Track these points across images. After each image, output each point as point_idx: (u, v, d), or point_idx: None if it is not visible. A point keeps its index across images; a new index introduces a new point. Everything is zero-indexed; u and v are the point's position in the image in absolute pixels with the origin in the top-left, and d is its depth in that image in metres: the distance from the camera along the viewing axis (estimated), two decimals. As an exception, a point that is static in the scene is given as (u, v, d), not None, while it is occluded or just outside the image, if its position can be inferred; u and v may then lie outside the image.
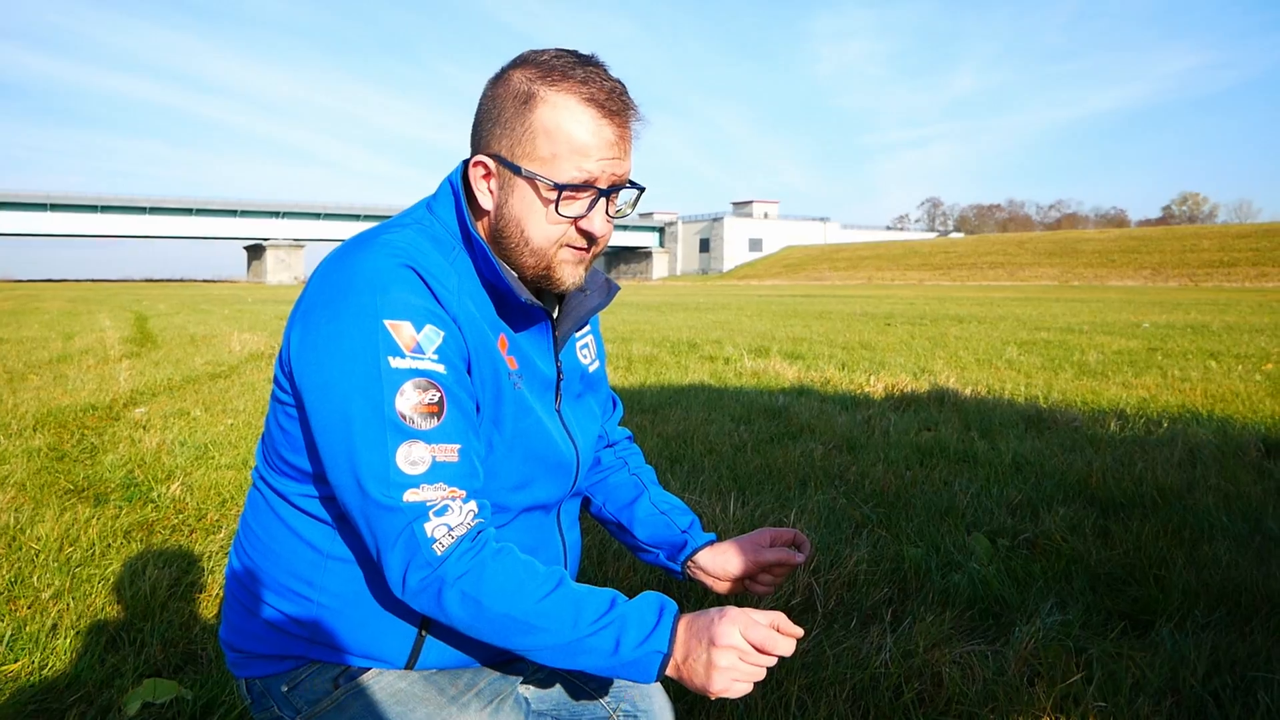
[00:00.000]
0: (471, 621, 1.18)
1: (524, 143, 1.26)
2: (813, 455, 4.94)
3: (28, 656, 2.56)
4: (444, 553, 1.16)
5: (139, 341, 13.94)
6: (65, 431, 5.99)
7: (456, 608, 1.17)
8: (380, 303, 1.17)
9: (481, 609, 1.16)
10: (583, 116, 1.25)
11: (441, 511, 1.16)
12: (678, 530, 1.63)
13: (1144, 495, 4.00)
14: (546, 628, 1.17)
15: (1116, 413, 6.37)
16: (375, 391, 1.15)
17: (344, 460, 1.17)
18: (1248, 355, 10.28)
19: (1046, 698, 2.26)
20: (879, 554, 3.32)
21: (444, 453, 1.17)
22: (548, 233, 1.29)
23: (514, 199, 1.29)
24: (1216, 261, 65.94)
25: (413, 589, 1.17)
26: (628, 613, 1.19)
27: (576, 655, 1.17)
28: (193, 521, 3.90)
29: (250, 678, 1.36)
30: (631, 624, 1.17)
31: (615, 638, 1.17)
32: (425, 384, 1.17)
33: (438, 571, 1.15)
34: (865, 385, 7.94)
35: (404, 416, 1.15)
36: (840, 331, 15.44)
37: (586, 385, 1.55)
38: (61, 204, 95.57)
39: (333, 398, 1.17)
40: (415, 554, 1.15)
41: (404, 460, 1.15)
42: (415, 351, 1.17)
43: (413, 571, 1.16)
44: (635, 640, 1.16)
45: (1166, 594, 2.89)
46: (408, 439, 1.15)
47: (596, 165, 1.26)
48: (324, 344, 1.18)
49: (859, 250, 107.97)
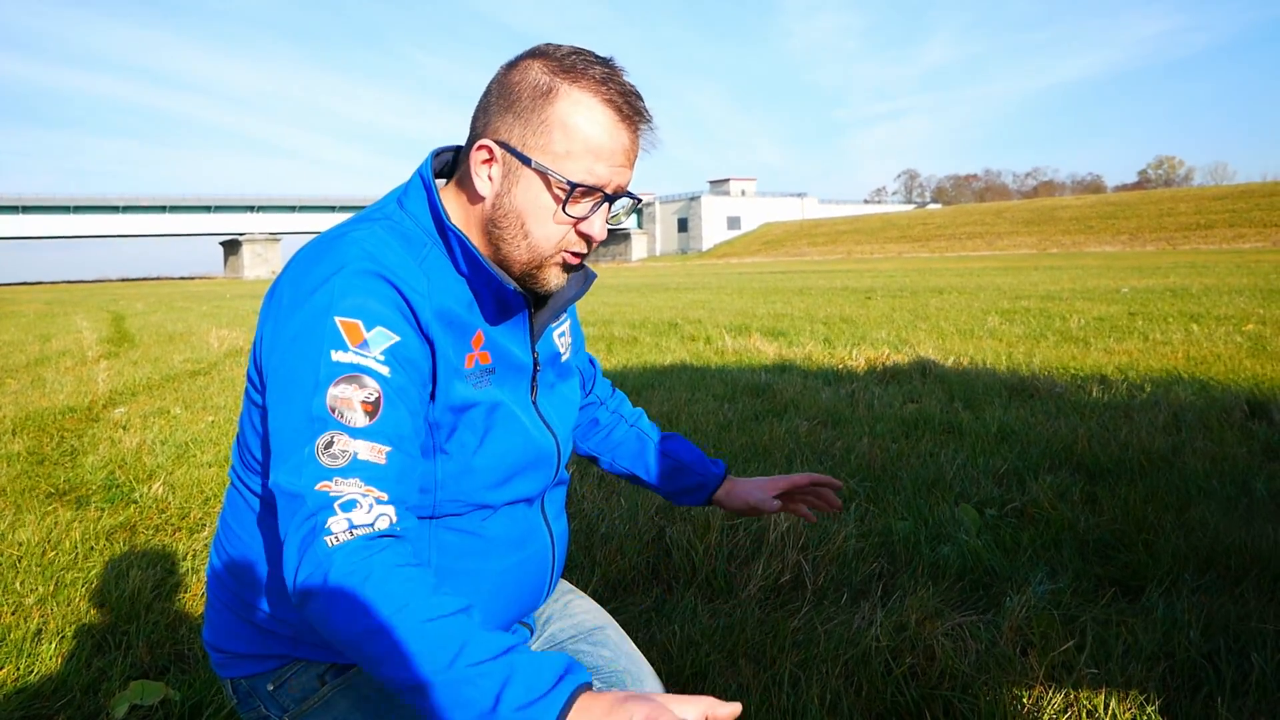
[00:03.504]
0: (341, 628, 1.02)
1: (538, 134, 1.22)
2: (797, 431, 4.94)
3: (12, 663, 2.53)
4: (336, 547, 1.04)
5: (117, 341, 13.81)
6: (44, 434, 5.92)
7: (330, 608, 1.02)
8: (336, 300, 1.13)
9: (354, 616, 1.01)
10: (601, 118, 1.22)
11: (348, 506, 1.06)
12: (694, 476, 1.75)
13: (1130, 460, 4.02)
14: (419, 654, 0.97)
15: (1099, 379, 6.40)
16: (310, 381, 1.11)
17: (274, 445, 1.13)
18: (1228, 316, 10.34)
19: (1039, 666, 2.26)
20: (867, 528, 3.32)
21: (369, 451, 1.10)
22: (550, 232, 1.26)
23: (518, 190, 1.25)
24: (1193, 224, 66.28)
25: (299, 585, 1.05)
26: (518, 664, 0.96)
27: (445, 702, 0.95)
28: (176, 520, 3.86)
29: (236, 678, 1.34)
30: (519, 678, 0.95)
31: (497, 690, 0.94)
32: (363, 380, 1.12)
33: (323, 565, 1.03)
34: (848, 360, 7.94)
35: (333, 409, 1.09)
36: (821, 307, 15.45)
37: (561, 374, 1.52)
38: (33, 206, 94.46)
39: (275, 388, 1.15)
40: (309, 547, 1.05)
41: (322, 450, 1.08)
42: (360, 348, 1.12)
43: (303, 565, 1.04)
44: (519, 700, 0.93)
45: (1156, 559, 2.90)
46: (331, 429, 1.09)
47: (607, 170, 1.24)
48: (279, 339, 1.16)
49: (837, 225, 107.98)
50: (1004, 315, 12.00)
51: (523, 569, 1.39)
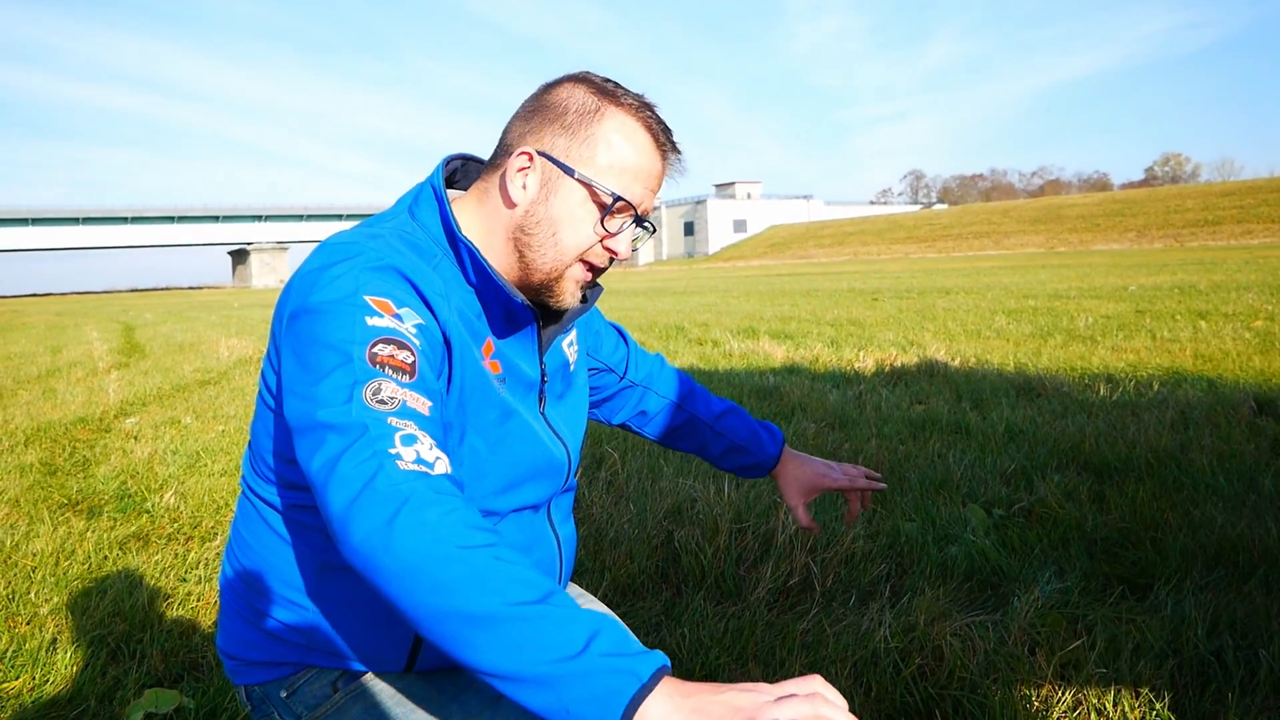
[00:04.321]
0: (416, 560, 0.93)
1: (583, 148, 1.26)
2: (805, 433, 4.95)
3: (28, 673, 2.55)
4: (409, 470, 0.98)
5: (127, 352, 13.87)
6: (56, 445, 5.96)
7: (409, 533, 0.93)
8: (363, 285, 1.13)
9: (437, 543, 0.93)
10: (642, 140, 1.28)
11: (409, 440, 1.01)
12: (748, 454, 1.82)
13: (1138, 459, 4.02)
14: (499, 586, 0.91)
15: (1107, 377, 6.39)
16: (348, 341, 1.08)
17: (307, 406, 1.06)
18: (1236, 313, 10.31)
19: (1048, 665, 2.26)
20: (875, 530, 3.32)
21: (415, 401, 1.07)
22: (580, 242, 1.28)
23: (556, 200, 1.27)
24: (1201, 221, 66.03)
25: (364, 505, 0.96)
26: (607, 622, 0.92)
27: (517, 642, 0.90)
28: (188, 530, 3.89)
29: (249, 685, 1.35)
30: (608, 633, 0.91)
31: (589, 634, 0.90)
32: (400, 343, 1.10)
33: (401, 487, 0.96)
34: (855, 361, 7.94)
35: (374, 361, 1.06)
36: (828, 309, 15.44)
37: (569, 383, 1.53)
38: (42, 218, 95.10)
39: (305, 358, 1.10)
40: (380, 469, 0.97)
41: (371, 395, 1.03)
42: (394, 319, 1.12)
43: (372, 485, 0.96)
44: (615, 648, 0.90)
45: (1164, 557, 2.91)
46: (377, 378, 1.05)
47: (640, 191, 1.28)
48: (302, 327, 1.13)
49: (843, 226, 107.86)
50: (1011, 315, 11.98)
51: None
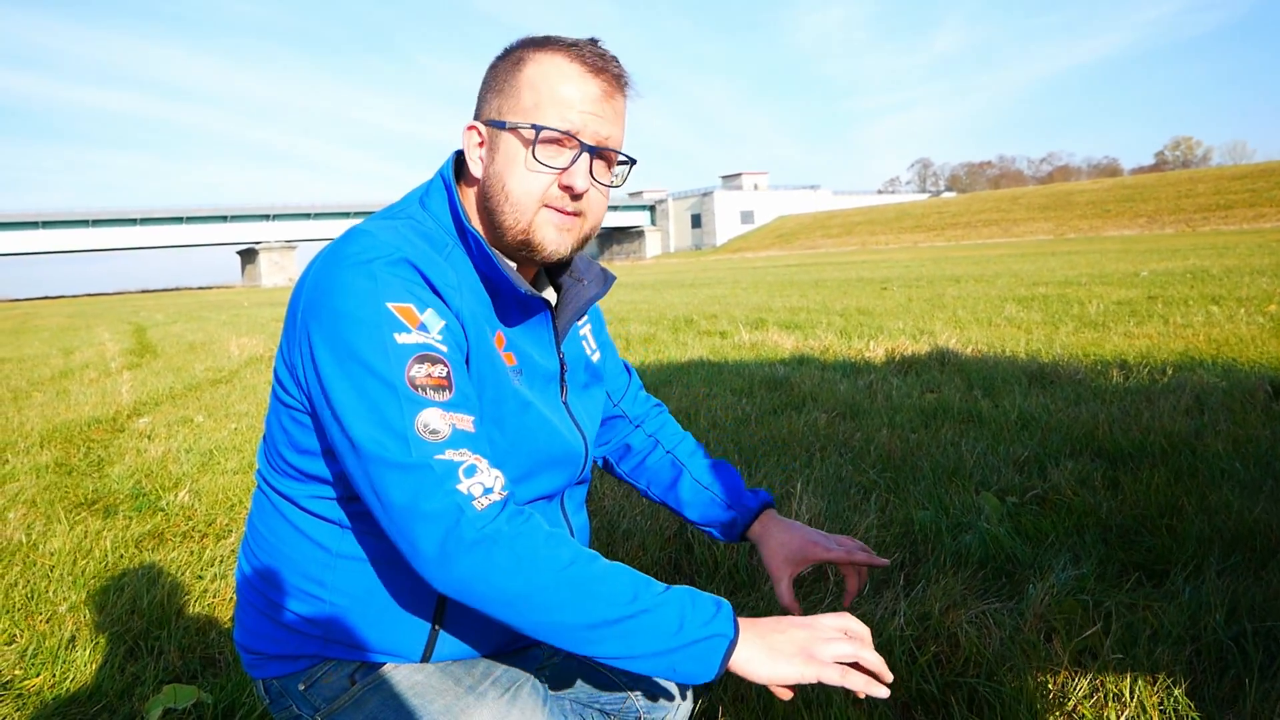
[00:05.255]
0: (520, 589, 1.09)
1: (510, 99, 1.27)
2: (817, 424, 4.94)
3: (48, 670, 2.57)
4: (486, 510, 1.10)
5: (139, 352, 13.93)
6: (71, 446, 5.99)
7: (508, 570, 1.08)
8: (381, 287, 1.15)
9: (538, 572, 1.09)
10: (568, 70, 1.25)
11: (471, 472, 1.12)
12: (724, 507, 1.65)
13: (1152, 444, 4.00)
14: (606, 596, 1.09)
15: (1120, 363, 6.36)
16: (385, 367, 1.13)
17: (367, 440, 1.12)
18: (1250, 298, 10.24)
19: (1064, 652, 2.26)
20: (888, 519, 3.32)
21: (461, 421, 1.14)
22: (528, 184, 1.26)
23: (499, 156, 1.28)
24: (1213, 205, 65.61)
25: (454, 551, 1.08)
26: (684, 594, 1.13)
27: (631, 635, 1.09)
28: (203, 527, 3.91)
29: (267, 678, 1.36)
30: (693, 603, 1.12)
31: (680, 614, 1.10)
32: (433, 358, 1.15)
33: (487, 530, 1.09)
34: (865, 351, 7.92)
35: (415, 386, 1.12)
36: (837, 298, 15.41)
37: (592, 375, 1.54)
38: (53, 221, 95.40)
39: (347, 382, 1.14)
40: (460, 514, 1.09)
41: (423, 427, 1.11)
42: (420, 329, 1.15)
43: (459, 532, 1.08)
44: (702, 618, 1.10)
45: (1180, 543, 2.89)
46: (425, 407, 1.12)
47: (579, 117, 1.25)
48: (330, 333, 1.16)
49: (851, 216, 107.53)
50: (1022, 302, 11.93)
51: None
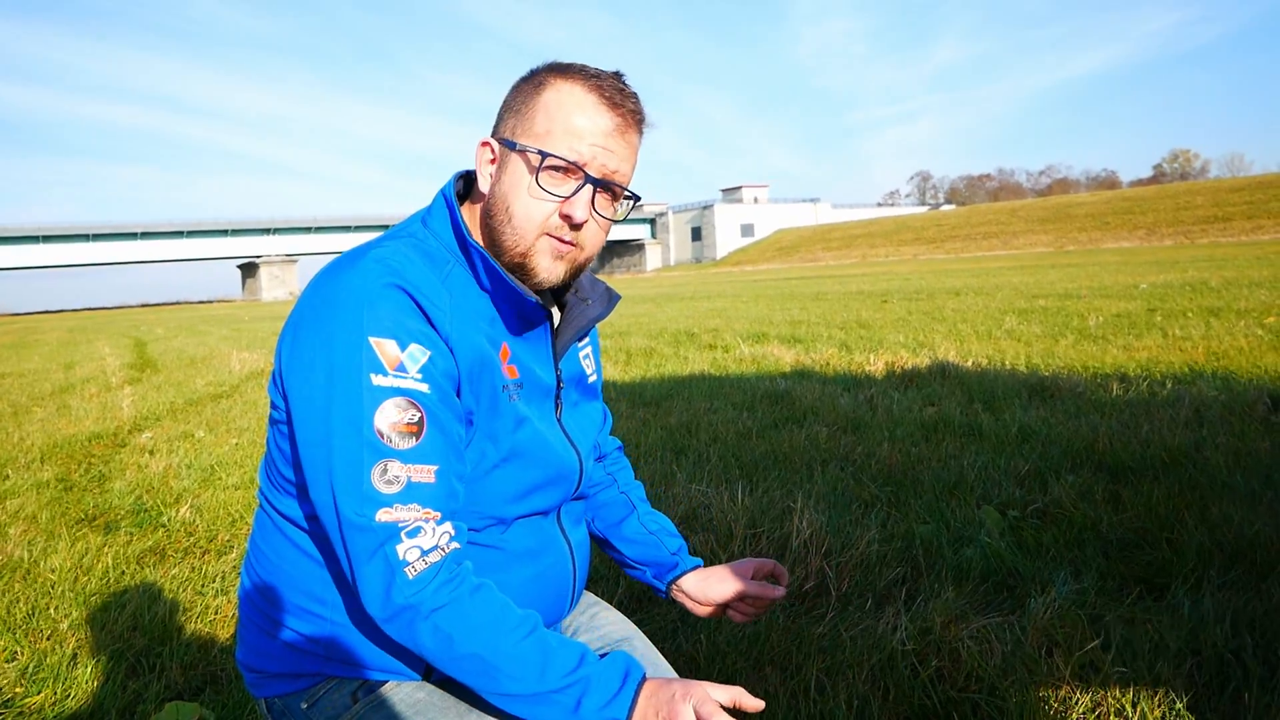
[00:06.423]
0: (441, 656, 1.17)
1: (525, 120, 1.28)
2: (818, 438, 4.94)
3: (49, 688, 2.57)
4: (417, 578, 1.15)
5: (139, 367, 13.93)
6: (72, 461, 5.99)
7: (429, 640, 1.16)
8: (366, 319, 1.16)
9: (453, 645, 1.15)
10: (584, 100, 1.27)
11: (414, 533, 1.15)
12: (667, 552, 1.69)
13: (1152, 458, 4.00)
14: (513, 674, 1.16)
15: (1119, 376, 6.37)
16: (356, 408, 1.15)
17: (322, 475, 1.17)
18: (1248, 310, 10.25)
19: (1066, 666, 2.26)
20: (889, 533, 3.32)
21: (419, 473, 1.17)
22: (530, 210, 1.28)
23: (506, 175, 1.30)
24: (1211, 217, 65.74)
25: (386, 615, 1.16)
26: (592, 674, 1.18)
27: (535, 707, 1.17)
28: (204, 543, 3.91)
29: (270, 697, 1.36)
30: (595, 687, 1.17)
31: (578, 697, 1.16)
32: (406, 403, 1.17)
33: (412, 600, 1.14)
34: (866, 365, 7.92)
35: (381, 435, 1.15)
36: (837, 312, 15.42)
37: (585, 393, 1.55)
38: (54, 235, 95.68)
39: (315, 413, 1.18)
40: (391, 579, 1.14)
41: (378, 478, 1.14)
42: (399, 370, 1.16)
43: (389, 596, 1.15)
44: (597, 704, 1.15)
45: (1180, 556, 2.89)
46: (384, 457, 1.15)
47: (588, 149, 1.26)
48: (310, 360, 1.19)
49: (851, 229, 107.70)
50: (1021, 315, 11.94)
51: (543, 580, 1.42)
